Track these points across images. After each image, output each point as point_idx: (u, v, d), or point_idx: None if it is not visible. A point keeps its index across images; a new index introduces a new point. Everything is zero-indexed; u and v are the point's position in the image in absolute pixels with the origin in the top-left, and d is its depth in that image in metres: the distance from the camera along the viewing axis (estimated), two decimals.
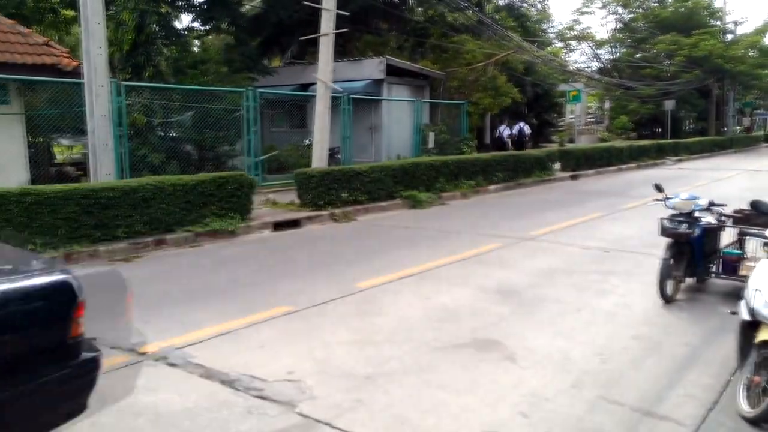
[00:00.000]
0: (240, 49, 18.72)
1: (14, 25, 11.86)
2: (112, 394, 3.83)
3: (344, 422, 3.48)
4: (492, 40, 24.20)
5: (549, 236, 9.30)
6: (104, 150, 8.79)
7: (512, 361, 4.40)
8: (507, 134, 23.70)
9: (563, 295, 6.13)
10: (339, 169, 12.14)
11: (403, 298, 6.02)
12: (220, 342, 4.81)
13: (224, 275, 7.14)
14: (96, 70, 8.52)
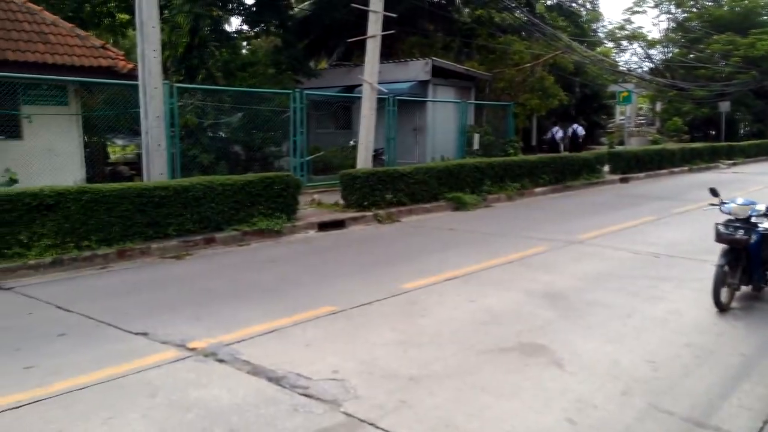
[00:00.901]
0: (287, 52, 18.99)
1: (73, 29, 12.33)
2: (163, 387, 3.95)
3: (389, 423, 3.50)
4: (540, 41, 23.87)
5: (597, 240, 9.12)
6: (157, 150, 9.04)
7: (559, 366, 4.33)
8: (559, 136, 23.36)
9: (612, 300, 6.00)
10: (383, 171, 12.17)
11: (448, 300, 6.00)
12: (266, 340, 4.89)
13: (271, 274, 7.25)
14: (150, 72, 8.78)
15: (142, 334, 5.00)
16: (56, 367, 4.30)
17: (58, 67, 11.14)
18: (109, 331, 5.12)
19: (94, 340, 4.89)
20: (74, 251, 7.50)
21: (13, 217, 7.11)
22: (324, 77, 20.96)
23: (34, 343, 4.81)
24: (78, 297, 6.16)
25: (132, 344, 4.79)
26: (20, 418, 3.55)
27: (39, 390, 3.91)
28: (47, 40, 11.45)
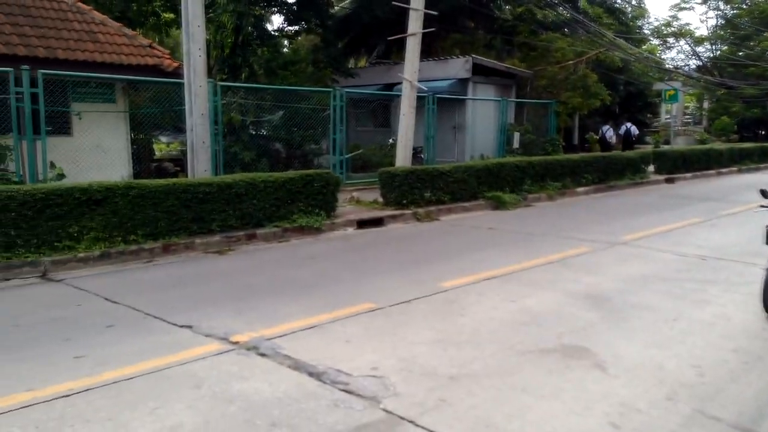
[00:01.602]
0: (326, 50, 19.13)
1: (121, 28, 12.67)
2: (207, 379, 4.04)
3: (428, 421, 3.50)
4: (584, 38, 23.46)
5: (641, 241, 8.93)
6: (202, 147, 9.22)
7: (602, 369, 4.26)
8: (610, 135, 22.97)
9: (657, 303, 5.88)
10: (422, 169, 12.15)
11: (487, 300, 5.96)
12: (307, 335, 4.95)
13: (310, 270, 7.32)
14: (195, 70, 8.96)
15: (187, 326, 5.12)
16: (105, 357, 4.44)
17: (106, 65, 11.47)
18: (154, 323, 5.25)
19: (140, 331, 5.03)
20: (121, 245, 7.72)
21: (63, 211, 7.36)
22: (363, 75, 21.05)
23: (84, 334, 4.97)
24: (125, 289, 6.34)
25: (177, 336, 4.90)
26: (72, 406, 3.67)
27: (88, 379, 4.04)
28: (96, 39, 11.79)
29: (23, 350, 4.60)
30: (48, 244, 7.23)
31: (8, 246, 6.98)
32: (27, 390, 3.86)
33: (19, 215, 7.05)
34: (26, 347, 4.66)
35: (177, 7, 19.84)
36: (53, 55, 10.85)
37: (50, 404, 3.68)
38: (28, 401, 3.71)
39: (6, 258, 6.90)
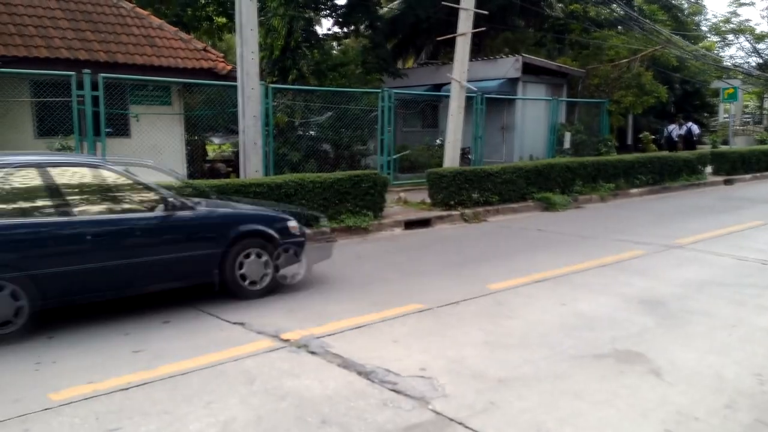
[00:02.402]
0: (375, 52, 19.22)
1: (177, 32, 13.03)
2: (260, 376, 4.12)
3: (478, 423, 3.48)
4: (639, 35, 22.85)
5: (698, 245, 8.64)
6: (253, 148, 9.39)
7: (657, 375, 4.15)
8: (677, 134, 22.40)
9: (715, 308, 5.68)
10: (470, 170, 12.07)
11: (537, 303, 5.88)
12: (355, 334, 4.99)
13: (357, 271, 7.37)
14: (248, 73, 9.13)
15: (239, 324, 5.23)
16: (161, 351, 4.58)
17: (163, 68, 11.82)
18: (208, 319, 5.39)
19: (195, 327, 5.17)
20: None
21: None
22: (411, 76, 21.05)
23: (142, 329, 5.14)
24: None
25: (230, 333, 5.02)
26: (129, 399, 3.81)
27: (146, 373, 4.18)
28: (154, 43, 12.17)
29: (85, 344, 4.79)
30: None
31: None
32: (88, 382, 4.02)
33: None
34: (88, 341, 4.85)
35: (229, 12, 20.36)
36: (113, 59, 11.24)
37: (110, 396, 3.82)
38: (89, 393, 3.86)
39: None
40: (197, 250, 5.82)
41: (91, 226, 5.22)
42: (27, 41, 10.60)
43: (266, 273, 6.14)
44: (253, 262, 6.03)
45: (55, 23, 11.26)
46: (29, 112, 10.57)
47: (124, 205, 5.52)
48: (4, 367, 4.33)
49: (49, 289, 5.02)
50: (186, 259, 5.75)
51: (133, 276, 5.48)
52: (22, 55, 10.31)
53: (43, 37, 10.83)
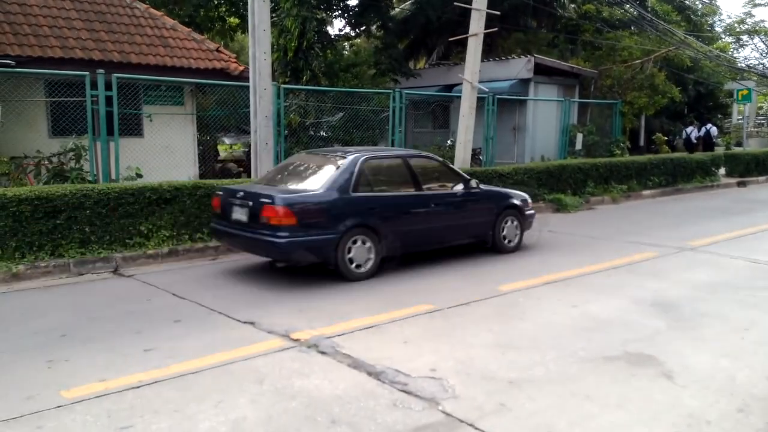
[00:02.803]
0: (387, 52, 19.21)
1: (190, 33, 13.10)
2: (270, 375, 4.14)
3: (487, 424, 3.47)
4: (652, 36, 22.69)
5: (711, 247, 8.57)
6: (265, 149, 9.42)
7: (669, 378, 4.12)
8: (695, 136, 22.31)
9: (728, 311, 5.63)
10: (482, 171, 12.03)
11: (548, 304, 5.86)
12: (365, 335, 4.99)
13: None
14: (260, 74, 9.16)
15: (249, 323, 5.25)
16: (173, 350, 4.61)
17: (176, 69, 11.89)
18: (219, 319, 5.42)
19: (206, 326, 5.20)
20: (188, 243, 8.00)
21: (135, 210, 7.68)
22: (423, 76, 21.02)
23: (153, 328, 5.18)
24: (191, 286, 6.56)
25: (240, 332, 5.04)
26: (141, 397, 3.83)
27: (157, 371, 4.20)
28: (167, 43, 12.24)
29: (97, 342, 4.83)
30: (120, 241, 7.57)
31: (83, 242, 7.34)
32: (100, 380, 4.06)
33: (94, 213, 7.39)
34: (100, 339, 4.89)
35: (241, 12, 20.46)
36: (127, 60, 11.32)
37: (121, 395, 3.85)
38: (100, 391, 3.89)
39: (81, 253, 7.25)
40: (481, 217, 8.12)
41: (430, 198, 7.60)
42: (42, 41, 10.70)
43: (517, 234, 8.46)
44: (510, 227, 8.38)
45: (70, 23, 11.37)
46: (44, 112, 10.67)
47: (444, 183, 7.93)
48: (18, 364, 4.38)
49: (401, 241, 7.14)
50: (475, 223, 8.06)
51: (448, 233, 7.81)
52: (37, 55, 10.41)
53: (57, 38, 10.93)
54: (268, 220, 6.43)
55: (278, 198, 6.48)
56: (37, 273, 6.88)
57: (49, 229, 7.11)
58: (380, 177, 7.33)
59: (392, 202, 7.23)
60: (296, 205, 6.48)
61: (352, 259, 6.74)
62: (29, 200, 6.96)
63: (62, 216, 7.18)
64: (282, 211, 6.37)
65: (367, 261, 6.85)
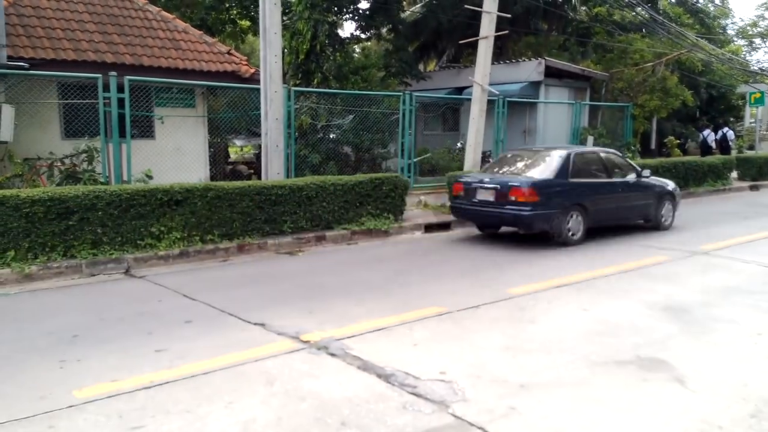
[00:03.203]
0: (397, 55, 19.22)
1: (202, 36, 13.17)
2: (280, 377, 4.15)
3: (498, 428, 3.46)
4: (664, 39, 22.57)
5: (724, 251, 8.51)
6: (275, 151, 9.47)
7: (681, 383, 4.09)
8: (712, 139, 22.24)
9: (741, 316, 5.59)
10: None
11: (558, 308, 5.84)
12: (375, 337, 4.99)
13: (378, 273, 7.39)
14: (271, 76, 9.21)
15: (260, 324, 5.27)
16: (183, 351, 4.63)
17: (188, 71, 11.96)
18: (229, 320, 5.44)
19: (216, 328, 5.22)
20: (199, 244, 8.03)
21: (146, 211, 7.72)
22: (433, 79, 21.02)
23: (165, 328, 5.20)
24: (202, 287, 6.59)
25: (250, 334, 5.06)
26: (152, 398, 3.85)
27: (168, 372, 4.22)
28: (179, 46, 12.32)
29: (109, 342, 4.86)
30: (131, 242, 7.61)
31: (95, 243, 7.39)
32: (112, 380, 4.08)
33: (106, 214, 7.45)
34: (112, 339, 4.92)
35: (252, 15, 20.55)
36: (139, 62, 11.41)
37: (132, 395, 3.87)
38: (112, 391, 3.91)
39: (93, 254, 7.31)
40: (646, 200, 10.17)
41: (617, 184, 9.79)
42: (55, 44, 10.80)
43: (670, 215, 10.63)
44: (667, 209, 10.50)
45: (83, 26, 11.46)
46: (56, 114, 10.76)
47: (624, 173, 10.07)
48: (30, 364, 4.42)
49: (598, 217, 9.37)
50: (642, 205, 10.14)
51: (626, 213, 10.04)
52: (50, 57, 10.51)
53: (70, 40, 11.03)
54: (516, 198, 8.63)
55: (524, 182, 8.75)
56: (50, 274, 6.94)
57: (61, 230, 7.17)
58: (584, 167, 9.46)
59: (594, 187, 9.47)
60: (537, 187, 8.66)
61: (569, 229, 8.98)
62: (42, 201, 7.02)
63: (75, 217, 7.24)
64: (527, 192, 8.57)
65: (578, 231, 9.08)
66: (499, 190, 8.86)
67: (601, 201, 9.44)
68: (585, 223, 9.11)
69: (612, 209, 9.67)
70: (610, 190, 9.66)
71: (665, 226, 10.42)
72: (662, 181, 10.84)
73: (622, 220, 10.05)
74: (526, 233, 9.29)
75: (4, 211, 6.84)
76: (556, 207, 8.77)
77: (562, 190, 8.91)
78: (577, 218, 9.03)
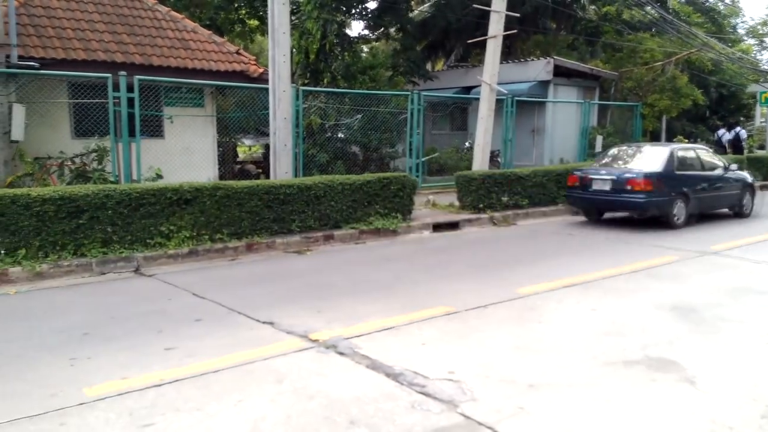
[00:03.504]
0: (405, 54, 19.22)
1: (211, 35, 13.22)
2: (289, 375, 4.16)
3: (506, 428, 3.46)
4: (674, 38, 22.45)
5: (734, 251, 8.46)
6: (283, 150, 9.49)
7: (690, 383, 4.08)
8: (726, 138, 22.18)
9: (751, 316, 5.56)
10: (500, 173, 12.02)
11: (567, 308, 5.82)
12: (383, 336, 5.00)
13: (386, 272, 7.39)
14: (280, 76, 9.24)
15: (269, 323, 5.29)
16: (193, 349, 4.65)
17: (197, 71, 12.01)
18: (239, 318, 5.46)
19: (225, 326, 5.24)
20: (208, 243, 8.07)
21: (156, 210, 7.76)
22: (441, 78, 21.02)
23: (174, 327, 5.23)
24: (211, 286, 6.62)
25: (259, 332, 5.08)
26: (162, 395, 3.87)
27: (178, 370, 4.25)
28: (188, 46, 12.37)
29: (119, 340, 4.89)
30: (141, 241, 7.66)
31: (105, 242, 7.44)
32: (122, 378, 4.11)
33: (116, 213, 7.49)
34: (122, 337, 4.95)
35: (261, 15, 20.59)
36: (148, 62, 11.46)
37: (142, 393, 3.90)
38: (123, 389, 3.94)
39: (103, 253, 7.35)
40: (732, 191, 11.70)
41: (711, 177, 11.31)
42: (65, 44, 10.87)
43: (750, 205, 12.06)
44: (747, 198, 12.00)
45: (93, 26, 11.53)
46: (67, 113, 10.84)
47: (713, 167, 11.58)
48: (41, 362, 4.45)
49: (696, 205, 10.86)
50: (730, 195, 11.69)
51: (718, 201, 11.59)
52: (61, 57, 10.58)
53: (80, 40, 11.10)
54: (633, 187, 10.25)
55: (640, 173, 10.36)
56: (60, 272, 6.99)
57: (72, 229, 7.22)
58: (684, 162, 10.97)
59: (693, 178, 10.89)
60: (651, 178, 10.25)
61: (675, 214, 10.51)
62: (53, 200, 7.07)
63: (85, 216, 7.28)
64: (643, 182, 10.19)
65: (682, 216, 10.61)
66: (615, 180, 10.47)
67: (699, 191, 10.92)
68: (687, 210, 10.65)
69: (707, 198, 11.16)
70: (706, 181, 11.15)
71: (746, 214, 11.93)
72: (744, 173, 12.23)
73: (714, 208, 11.62)
74: (639, 217, 11.07)
75: (15, 210, 6.89)
76: (666, 195, 10.35)
77: (670, 180, 10.42)
78: (681, 205, 10.57)
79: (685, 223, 10.63)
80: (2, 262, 6.78)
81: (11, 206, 6.88)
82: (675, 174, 10.55)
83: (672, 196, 10.41)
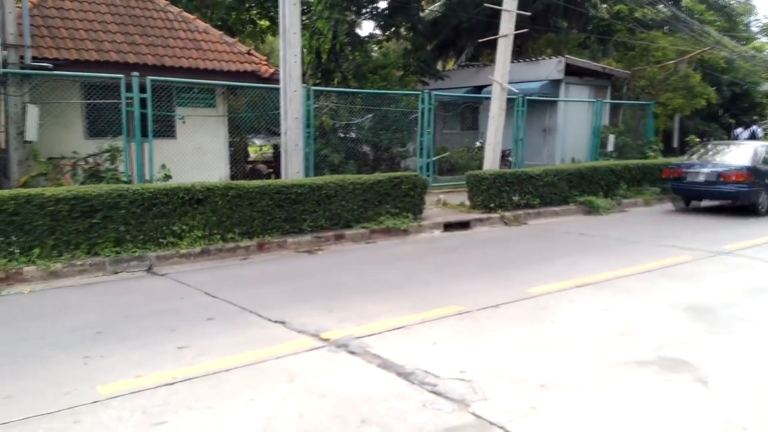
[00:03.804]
0: (416, 54, 19.20)
1: (222, 36, 13.28)
2: (300, 374, 4.17)
3: (518, 427, 3.45)
4: (687, 37, 22.28)
5: (748, 251, 8.38)
6: (295, 150, 9.52)
7: (704, 383, 4.04)
8: (744, 137, 22.12)
9: (765, 316, 5.51)
10: (511, 172, 11.97)
11: (579, 307, 5.79)
12: (395, 335, 4.99)
13: (397, 272, 7.39)
14: (291, 76, 9.26)
15: (280, 322, 5.30)
16: (205, 348, 4.68)
17: (208, 71, 12.08)
18: (250, 317, 5.48)
19: (237, 325, 5.26)
20: (220, 242, 8.10)
21: (168, 210, 7.81)
22: (451, 78, 20.96)
23: (187, 325, 5.26)
24: (223, 285, 6.65)
25: (271, 331, 5.09)
26: (175, 394, 3.89)
27: (190, 368, 4.27)
28: (200, 46, 12.44)
29: (132, 339, 4.92)
30: (153, 240, 7.70)
31: (118, 241, 7.49)
32: (135, 376, 4.14)
33: (129, 212, 7.54)
34: (135, 336, 4.99)
35: (272, 15, 20.65)
36: (161, 63, 11.53)
37: (155, 391, 3.92)
38: (135, 387, 3.97)
39: (116, 252, 7.40)
40: None
41: None
42: (78, 45, 10.96)
43: None
44: None
45: (105, 27, 11.62)
46: (80, 114, 10.93)
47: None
48: (55, 360, 4.49)
49: None
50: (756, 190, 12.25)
51: None
52: (74, 58, 10.68)
53: (93, 41, 11.19)
54: (726, 179, 11.82)
55: (733, 167, 11.94)
56: (74, 271, 7.05)
57: (85, 228, 7.28)
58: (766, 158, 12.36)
59: None
60: (743, 170, 11.78)
61: (761, 203, 12.04)
62: (66, 200, 7.13)
63: (98, 215, 7.34)
64: (735, 175, 11.76)
65: (765, 205, 12.11)
66: (710, 173, 12.03)
67: None
68: None
69: None
70: None
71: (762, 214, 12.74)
72: None
73: None
74: (732, 205, 12.43)
75: (29, 210, 6.96)
76: (756, 186, 11.88)
77: (758, 173, 11.90)
78: (765, 195, 12.11)
79: (766, 212, 12.06)
80: (17, 261, 6.85)
81: (26, 206, 6.95)
82: (763, 168, 12.04)
83: (760, 186, 11.95)
